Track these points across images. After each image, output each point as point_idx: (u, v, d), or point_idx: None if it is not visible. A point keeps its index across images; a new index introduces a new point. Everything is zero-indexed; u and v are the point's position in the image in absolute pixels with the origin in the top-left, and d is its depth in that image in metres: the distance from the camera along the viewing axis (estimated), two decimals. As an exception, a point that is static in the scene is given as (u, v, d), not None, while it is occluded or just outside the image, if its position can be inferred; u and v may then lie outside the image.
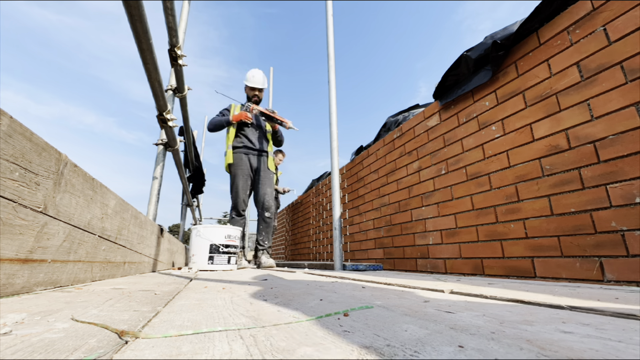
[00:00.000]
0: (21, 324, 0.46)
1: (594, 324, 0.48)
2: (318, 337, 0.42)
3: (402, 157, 2.35)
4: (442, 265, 1.83)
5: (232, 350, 0.37)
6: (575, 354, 0.34)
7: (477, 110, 1.72)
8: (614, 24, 1.13)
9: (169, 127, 2.18)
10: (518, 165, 1.44)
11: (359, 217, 2.90)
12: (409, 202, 2.21)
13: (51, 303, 0.63)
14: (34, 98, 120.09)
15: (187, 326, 0.49)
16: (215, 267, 2.43)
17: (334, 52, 2.56)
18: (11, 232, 0.66)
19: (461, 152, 1.79)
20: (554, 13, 1.35)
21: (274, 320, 0.53)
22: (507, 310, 0.60)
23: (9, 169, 0.64)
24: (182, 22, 2.47)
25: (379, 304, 0.69)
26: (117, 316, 0.54)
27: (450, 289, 0.92)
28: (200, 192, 5.34)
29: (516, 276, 1.39)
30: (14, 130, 0.65)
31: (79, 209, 0.95)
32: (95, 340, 0.39)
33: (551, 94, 1.33)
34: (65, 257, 0.89)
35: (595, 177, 1.14)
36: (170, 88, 2.44)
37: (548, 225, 1.28)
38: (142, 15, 1.29)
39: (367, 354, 0.35)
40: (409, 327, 0.47)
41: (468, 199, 1.71)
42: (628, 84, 1.07)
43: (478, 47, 1.66)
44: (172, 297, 0.82)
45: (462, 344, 0.38)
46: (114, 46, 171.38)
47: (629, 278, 1.02)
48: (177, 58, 2.20)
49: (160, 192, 2.26)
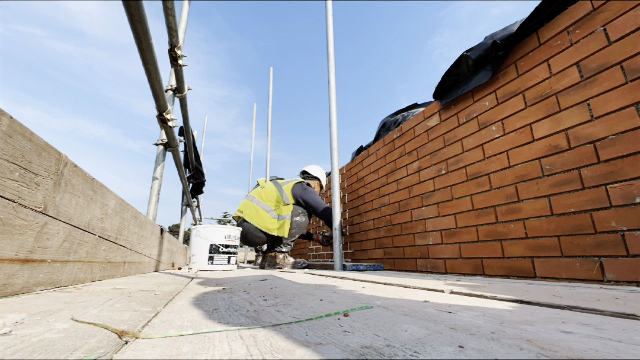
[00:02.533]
0: (21, 324, 0.46)
1: (594, 324, 0.48)
2: (318, 337, 0.42)
3: (402, 157, 2.35)
4: (442, 265, 1.83)
5: (232, 351, 0.37)
6: (575, 354, 0.34)
7: (477, 110, 1.72)
8: (614, 24, 1.13)
9: (169, 127, 2.18)
10: (518, 165, 1.44)
11: (359, 217, 2.90)
12: (409, 202, 2.21)
13: (51, 303, 0.63)
14: (49, 113, 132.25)
15: (187, 326, 0.49)
16: (215, 267, 2.43)
17: (333, 52, 2.56)
18: (11, 232, 0.66)
19: (461, 152, 1.79)
20: (554, 13, 1.35)
21: (273, 320, 0.53)
22: (507, 310, 0.60)
23: (9, 169, 0.64)
24: (182, 22, 2.47)
25: (379, 304, 0.69)
26: (117, 316, 0.54)
27: (450, 289, 0.92)
28: (200, 192, 5.34)
29: (516, 276, 1.39)
30: (14, 130, 0.65)
31: (79, 209, 0.95)
32: (95, 341, 0.39)
33: (551, 94, 1.33)
34: (65, 257, 0.88)
35: (595, 177, 1.14)
36: (170, 88, 2.44)
37: (548, 225, 1.28)
38: (142, 15, 1.29)
39: (367, 354, 0.35)
40: (409, 327, 0.47)
41: (468, 199, 1.71)
42: (628, 84, 1.07)
43: (478, 47, 1.66)
44: (172, 297, 0.82)
45: (462, 344, 0.38)
46: (122, 70, 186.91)
47: (629, 278, 1.02)
48: (177, 58, 2.21)
49: (160, 192, 2.26)
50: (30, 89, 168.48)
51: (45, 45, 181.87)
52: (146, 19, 1.33)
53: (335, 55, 2.56)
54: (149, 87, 1.72)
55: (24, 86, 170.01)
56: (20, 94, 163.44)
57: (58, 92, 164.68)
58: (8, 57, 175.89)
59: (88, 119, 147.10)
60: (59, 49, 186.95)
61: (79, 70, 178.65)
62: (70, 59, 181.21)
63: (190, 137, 3.79)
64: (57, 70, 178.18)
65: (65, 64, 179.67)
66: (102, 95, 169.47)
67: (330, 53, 2.54)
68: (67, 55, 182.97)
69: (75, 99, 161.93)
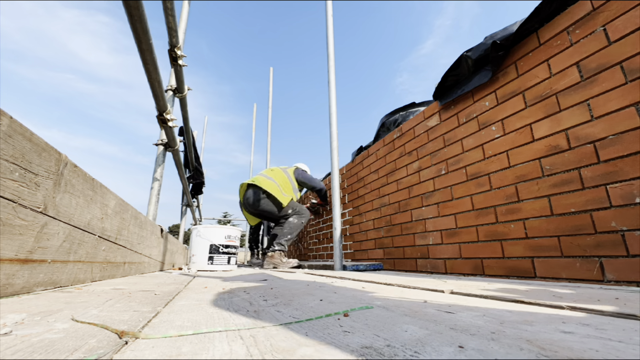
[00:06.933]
0: (21, 324, 0.46)
1: (594, 324, 0.48)
2: (318, 337, 0.42)
3: (402, 157, 2.35)
4: (442, 266, 1.83)
5: (232, 351, 0.37)
6: (575, 354, 0.34)
7: (477, 110, 1.72)
8: (614, 24, 1.13)
9: (169, 128, 2.18)
10: (518, 165, 1.44)
11: (359, 217, 2.90)
12: (409, 202, 2.21)
13: (51, 303, 0.63)
14: (73, 134, 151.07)
15: (187, 326, 0.49)
16: (215, 267, 2.43)
17: (333, 52, 2.56)
18: (11, 233, 0.66)
19: (461, 152, 1.79)
20: (554, 13, 1.35)
21: (274, 321, 0.53)
22: (507, 310, 0.60)
23: (9, 169, 0.64)
24: (182, 22, 2.47)
25: (379, 304, 0.69)
26: (117, 316, 0.54)
27: (451, 289, 0.92)
28: (200, 192, 5.34)
29: (516, 276, 1.39)
30: (14, 131, 0.65)
31: (79, 209, 0.95)
32: (95, 341, 0.39)
33: (551, 94, 1.33)
34: (65, 257, 0.88)
35: (595, 177, 1.14)
36: (170, 88, 2.44)
37: (548, 225, 1.28)
38: (142, 15, 1.29)
39: (367, 354, 0.35)
40: (409, 328, 0.47)
41: (468, 199, 1.71)
42: (628, 84, 1.07)
43: (478, 47, 1.66)
44: (172, 297, 0.82)
45: (463, 344, 0.38)
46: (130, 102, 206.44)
47: (629, 278, 1.02)
48: (177, 58, 2.20)
49: (160, 192, 2.26)
50: (56, 117, 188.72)
51: (70, 85, 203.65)
52: (146, 19, 1.33)
53: (335, 56, 2.56)
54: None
55: (51, 115, 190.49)
56: (47, 120, 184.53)
57: (78, 118, 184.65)
58: (42, 95, 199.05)
59: (101, 139, 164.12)
60: (81, 87, 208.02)
61: (96, 103, 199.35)
62: (88, 95, 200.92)
63: (190, 137, 3.79)
64: (77, 103, 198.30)
65: (85, 98, 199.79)
66: (111, 120, 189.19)
67: (330, 53, 2.54)
68: (88, 92, 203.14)
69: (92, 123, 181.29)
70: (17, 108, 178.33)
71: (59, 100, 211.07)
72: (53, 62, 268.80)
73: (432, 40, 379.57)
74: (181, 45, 2.22)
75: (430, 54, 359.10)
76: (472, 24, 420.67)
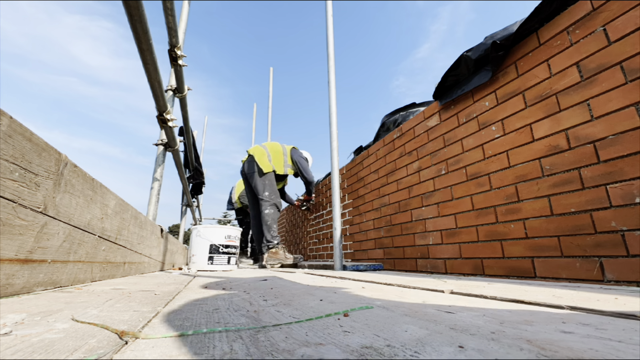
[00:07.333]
0: (21, 324, 0.46)
1: (594, 324, 0.48)
2: (318, 337, 0.42)
3: (402, 157, 2.35)
4: (442, 266, 1.83)
5: (232, 351, 0.37)
6: (575, 354, 0.34)
7: (477, 110, 1.72)
8: (614, 24, 1.13)
9: (169, 128, 2.18)
10: (518, 165, 1.44)
11: (359, 217, 2.90)
12: (409, 202, 2.21)
13: (51, 303, 0.63)
14: (74, 135, 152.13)
15: (187, 326, 0.49)
16: (215, 267, 2.43)
17: (333, 52, 2.55)
18: (11, 233, 0.66)
19: (461, 152, 1.79)
20: (554, 13, 1.35)
21: (273, 321, 0.53)
22: (507, 310, 0.60)
23: (8, 169, 0.64)
24: (182, 22, 2.47)
25: (379, 304, 0.69)
26: (117, 316, 0.54)
27: (451, 289, 0.92)
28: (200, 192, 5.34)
29: (516, 276, 1.39)
30: (14, 131, 0.65)
31: (79, 209, 0.95)
32: (95, 341, 0.39)
33: (551, 94, 1.33)
34: (65, 257, 0.88)
35: (595, 177, 1.14)
36: (170, 88, 2.44)
37: (548, 225, 1.28)
38: (142, 15, 1.29)
39: (367, 354, 0.35)
40: (409, 328, 0.47)
41: (468, 199, 1.71)
42: (628, 84, 1.07)
43: (478, 47, 1.66)
44: (172, 297, 0.82)
45: (462, 344, 0.38)
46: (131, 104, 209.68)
47: (629, 278, 1.02)
48: (177, 58, 2.20)
49: (160, 192, 2.26)
50: (58, 119, 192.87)
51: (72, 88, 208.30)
52: (146, 19, 1.33)
53: (335, 56, 2.56)
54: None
55: (53, 117, 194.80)
56: (49, 122, 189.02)
57: (80, 121, 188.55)
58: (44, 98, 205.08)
59: (102, 140, 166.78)
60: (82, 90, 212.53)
61: (97, 105, 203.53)
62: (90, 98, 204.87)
63: (190, 137, 3.78)
64: (79, 105, 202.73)
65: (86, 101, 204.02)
66: (116, 123, 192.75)
67: (330, 53, 2.53)
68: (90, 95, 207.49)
69: (93, 125, 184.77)
70: (20, 110, 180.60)
71: (60, 103, 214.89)
72: (55, 65, 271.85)
73: (428, 45, 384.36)
74: (181, 45, 2.22)
75: (427, 58, 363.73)
76: (466, 29, 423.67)
